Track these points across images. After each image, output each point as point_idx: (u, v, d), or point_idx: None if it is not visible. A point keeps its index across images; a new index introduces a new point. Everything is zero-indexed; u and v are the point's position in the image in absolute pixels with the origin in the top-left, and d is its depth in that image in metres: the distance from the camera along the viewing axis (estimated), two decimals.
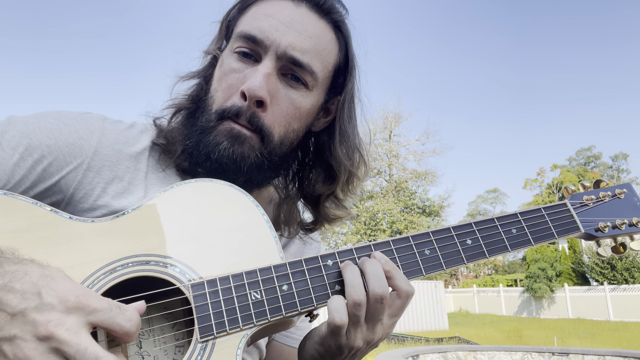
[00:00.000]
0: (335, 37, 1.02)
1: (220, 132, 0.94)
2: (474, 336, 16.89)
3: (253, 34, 0.93)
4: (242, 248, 0.85)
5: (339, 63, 1.04)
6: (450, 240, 0.92)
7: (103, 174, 0.91)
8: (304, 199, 1.11)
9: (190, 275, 0.80)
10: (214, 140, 0.93)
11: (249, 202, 0.89)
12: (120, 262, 0.79)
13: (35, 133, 0.86)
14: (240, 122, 0.93)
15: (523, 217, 0.98)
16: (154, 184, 0.96)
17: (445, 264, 0.90)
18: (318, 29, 0.97)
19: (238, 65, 0.96)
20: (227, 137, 0.93)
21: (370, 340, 0.84)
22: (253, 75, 0.92)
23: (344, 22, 1.03)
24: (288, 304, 0.81)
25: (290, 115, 0.97)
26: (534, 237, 0.96)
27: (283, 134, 0.98)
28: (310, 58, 0.95)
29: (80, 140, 0.90)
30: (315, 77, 0.97)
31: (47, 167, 0.86)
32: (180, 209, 0.85)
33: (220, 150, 0.92)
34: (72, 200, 0.89)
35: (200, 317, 0.76)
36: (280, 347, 1.18)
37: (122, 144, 0.95)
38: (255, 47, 0.94)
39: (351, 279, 0.81)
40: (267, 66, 0.93)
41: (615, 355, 9.43)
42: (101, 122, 0.95)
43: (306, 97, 0.99)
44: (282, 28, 0.93)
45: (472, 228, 0.94)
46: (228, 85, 0.95)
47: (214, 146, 0.93)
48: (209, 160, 0.93)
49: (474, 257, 0.92)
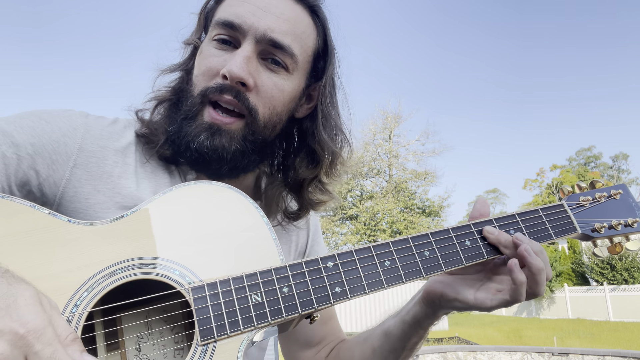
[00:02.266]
0: (313, 22, 1.02)
1: (200, 124, 0.94)
2: (474, 336, 16.89)
3: (230, 20, 0.94)
4: (242, 250, 0.84)
5: (317, 48, 1.04)
6: (449, 242, 0.92)
7: (91, 171, 0.90)
8: (288, 186, 1.12)
9: (191, 277, 0.80)
10: (193, 131, 0.93)
11: (248, 204, 0.88)
12: (120, 265, 0.78)
13: (18, 132, 0.85)
14: (225, 98, 0.93)
15: (521, 218, 0.98)
16: (144, 177, 0.96)
17: (444, 265, 0.90)
18: (295, 13, 0.98)
19: (217, 52, 0.96)
20: (205, 129, 0.93)
21: None
22: (232, 58, 0.92)
23: (319, 7, 1.04)
24: (289, 305, 0.80)
25: (275, 97, 0.97)
26: (533, 238, 0.96)
27: (267, 116, 0.98)
28: (290, 40, 0.95)
29: (64, 138, 0.89)
30: (296, 59, 0.97)
31: (32, 165, 0.85)
32: (180, 212, 0.85)
33: (199, 141, 0.92)
34: (63, 200, 0.88)
35: (201, 319, 0.76)
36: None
37: (107, 139, 0.95)
38: (233, 32, 0.94)
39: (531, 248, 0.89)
40: (247, 49, 0.93)
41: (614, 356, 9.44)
42: (84, 118, 0.94)
43: (287, 80, 0.99)
44: (259, 12, 0.93)
45: (471, 229, 0.94)
46: (208, 68, 0.95)
47: (193, 136, 0.93)
48: (188, 150, 0.94)
49: (472, 259, 0.92)
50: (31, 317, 0.58)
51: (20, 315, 0.57)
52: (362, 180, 30.50)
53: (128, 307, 0.80)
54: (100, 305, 0.76)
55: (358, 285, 0.85)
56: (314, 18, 1.02)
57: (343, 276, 0.85)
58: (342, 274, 0.85)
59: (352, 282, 0.85)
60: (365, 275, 0.86)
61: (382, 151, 30.72)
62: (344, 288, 0.84)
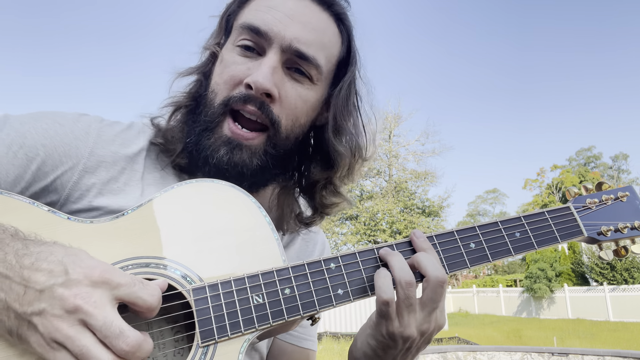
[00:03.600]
0: (338, 30, 1.00)
1: (219, 138, 0.92)
2: (474, 336, 16.88)
3: (256, 25, 0.91)
4: (243, 250, 0.83)
5: (341, 56, 1.03)
6: (454, 244, 0.91)
7: (99, 175, 0.90)
8: (301, 189, 1.10)
9: (192, 278, 0.79)
10: (212, 144, 0.92)
11: (250, 204, 0.87)
12: (120, 264, 0.78)
13: (31, 133, 0.86)
14: (248, 109, 0.91)
15: (527, 221, 0.97)
16: (151, 184, 0.95)
17: (448, 267, 0.89)
18: (322, 22, 0.96)
19: (241, 59, 0.94)
20: (224, 144, 0.91)
21: (425, 331, 0.84)
22: (259, 68, 0.90)
23: (346, 14, 1.01)
24: (290, 307, 0.80)
25: (298, 109, 0.96)
26: (537, 240, 0.95)
27: (290, 127, 0.96)
28: (315, 51, 0.93)
29: (76, 141, 0.89)
30: (320, 70, 0.96)
31: (41, 167, 0.86)
32: (181, 210, 0.84)
33: (218, 157, 0.91)
34: (68, 201, 0.88)
35: (202, 321, 0.76)
36: (283, 346, 1.17)
37: (119, 145, 0.94)
38: (258, 39, 0.92)
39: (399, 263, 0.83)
40: (273, 59, 0.91)
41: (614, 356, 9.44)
42: (98, 123, 0.94)
43: (311, 91, 0.97)
44: (285, 20, 0.91)
45: (476, 232, 0.93)
46: (231, 77, 0.93)
47: (212, 151, 0.91)
48: (207, 164, 0.92)
49: (477, 261, 0.91)
50: (95, 262, 0.67)
51: (87, 264, 0.67)
52: (362, 180, 30.46)
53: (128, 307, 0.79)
54: None
55: (360, 287, 0.84)
56: (339, 26, 1.01)
57: (346, 278, 0.84)
58: (345, 275, 0.85)
59: (354, 284, 0.84)
60: (367, 277, 0.85)
61: (382, 151, 30.68)
62: (347, 290, 0.84)
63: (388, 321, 0.82)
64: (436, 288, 0.82)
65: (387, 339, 0.84)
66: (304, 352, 1.18)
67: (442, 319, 0.86)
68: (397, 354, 0.86)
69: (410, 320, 0.82)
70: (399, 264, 0.83)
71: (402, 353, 0.86)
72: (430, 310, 0.84)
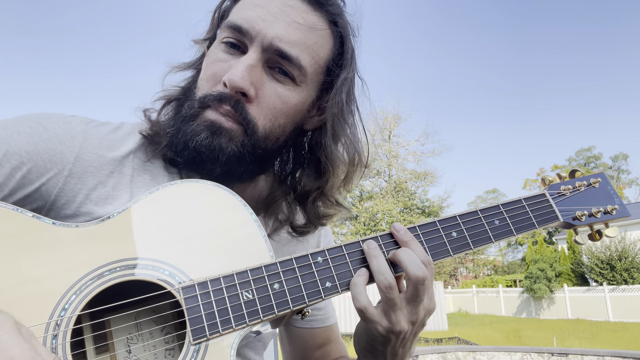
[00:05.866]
0: (330, 32, 0.97)
1: (201, 122, 0.91)
2: (474, 337, 16.89)
3: (239, 24, 0.90)
4: (231, 248, 0.84)
5: (333, 58, 0.99)
6: (437, 233, 0.93)
7: (85, 181, 0.88)
8: (296, 197, 1.09)
9: (180, 277, 0.79)
10: (193, 129, 0.90)
11: (236, 202, 0.87)
12: (108, 267, 0.77)
13: (14, 138, 0.83)
14: (223, 109, 0.90)
15: (505, 209, 0.99)
16: (140, 187, 0.93)
17: (432, 256, 0.91)
18: (309, 21, 0.93)
19: (224, 56, 0.93)
20: (206, 128, 0.90)
21: (415, 320, 0.85)
22: (235, 66, 0.89)
23: (340, 15, 0.98)
24: (280, 302, 0.81)
25: (277, 109, 0.93)
26: (516, 227, 0.98)
27: (269, 128, 0.94)
28: (299, 51, 0.91)
29: (61, 146, 0.86)
30: (304, 71, 0.93)
31: (26, 174, 0.83)
32: (167, 211, 0.84)
33: (199, 140, 0.89)
34: (54, 206, 0.86)
35: (192, 319, 0.76)
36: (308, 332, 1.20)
37: (106, 148, 0.91)
38: (241, 37, 0.91)
39: (378, 266, 0.83)
40: (251, 57, 0.89)
41: (614, 356, 9.45)
42: (84, 125, 0.91)
43: (293, 92, 0.94)
44: (269, 18, 0.89)
45: (457, 221, 0.96)
46: (212, 74, 0.93)
47: (192, 135, 0.90)
48: (186, 148, 0.90)
49: (459, 249, 0.93)
50: (17, 349, 0.58)
51: (5, 349, 0.57)
52: (362, 180, 30.53)
53: (117, 309, 0.79)
54: (88, 308, 0.75)
55: (348, 280, 0.86)
56: (331, 27, 0.97)
57: (333, 271, 0.86)
58: (332, 268, 0.86)
59: (342, 277, 0.86)
60: (354, 269, 0.86)
61: (382, 151, 30.74)
62: (335, 283, 0.85)
63: (374, 323, 0.83)
64: (417, 285, 0.82)
65: (379, 337, 0.85)
66: (329, 328, 1.23)
67: (431, 304, 0.87)
68: (395, 344, 0.87)
69: (398, 317, 0.83)
70: (378, 267, 0.83)
71: (400, 342, 0.87)
72: (416, 304, 0.84)
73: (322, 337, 1.21)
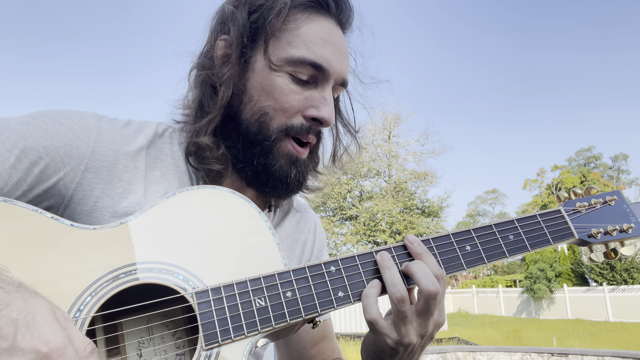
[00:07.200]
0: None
1: (282, 152, 0.99)
2: (473, 337, 16.90)
3: (319, 63, 0.95)
4: (245, 255, 0.85)
5: None
6: (451, 247, 0.93)
7: (101, 175, 0.89)
8: None
9: (194, 282, 0.80)
10: (277, 162, 0.98)
11: (251, 209, 0.88)
12: (123, 269, 0.78)
13: (31, 134, 0.84)
14: (309, 138, 1.00)
15: (520, 224, 0.99)
16: (153, 182, 0.95)
17: (446, 269, 0.91)
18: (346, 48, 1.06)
19: (297, 88, 0.96)
20: (292, 164, 1.00)
21: (424, 334, 0.86)
22: (324, 104, 0.98)
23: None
24: (292, 310, 0.81)
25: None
26: (531, 243, 0.97)
27: None
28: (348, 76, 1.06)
29: (77, 141, 0.88)
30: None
31: (44, 169, 0.84)
32: (183, 216, 0.85)
33: (290, 176, 1.00)
34: (71, 202, 0.87)
35: (205, 324, 0.76)
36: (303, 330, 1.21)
37: (120, 142, 0.93)
38: (317, 73, 0.96)
39: (391, 278, 0.84)
40: (330, 93, 0.99)
41: (614, 356, 9.46)
42: (97, 120, 0.93)
43: None
44: (337, 55, 0.99)
45: (472, 234, 0.95)
46: (290, 106, 0.96)
47: (279, 168, 0.99)
48: (265, 173, 0.99)
49: (473, 263, 0.93)
50: (52, 335, 0.58)
51: (41, 334, 0.57)
52: (362, 180, 30.49)
53: (130, 312, 0.80)
54: (102, 311, 0.76)
55: (360, 290, 0.86)
56: None
57: (346, 280, 0.86)
58: (345, 278, 0.86)
59: (354, 287, 0.86)
60: (367, 280, 0.87)
61: (382, 152, 30.69)
62: (347, 293, 0.85)
63: (383, 336, 0.84)
64: (429, 300, 0.82)
65: (387, 349, 0.86)
66: (324, 324, 1.23)
67: (441, 318, 0.87)
68: (403, 356, 0.87)
69: (408, 330, 0.83)
70: (391, 279, 0.84)
71: (408, 355, 0.88)
72: (427, 317, 0.84)
73: (318, 333, 1.22)
